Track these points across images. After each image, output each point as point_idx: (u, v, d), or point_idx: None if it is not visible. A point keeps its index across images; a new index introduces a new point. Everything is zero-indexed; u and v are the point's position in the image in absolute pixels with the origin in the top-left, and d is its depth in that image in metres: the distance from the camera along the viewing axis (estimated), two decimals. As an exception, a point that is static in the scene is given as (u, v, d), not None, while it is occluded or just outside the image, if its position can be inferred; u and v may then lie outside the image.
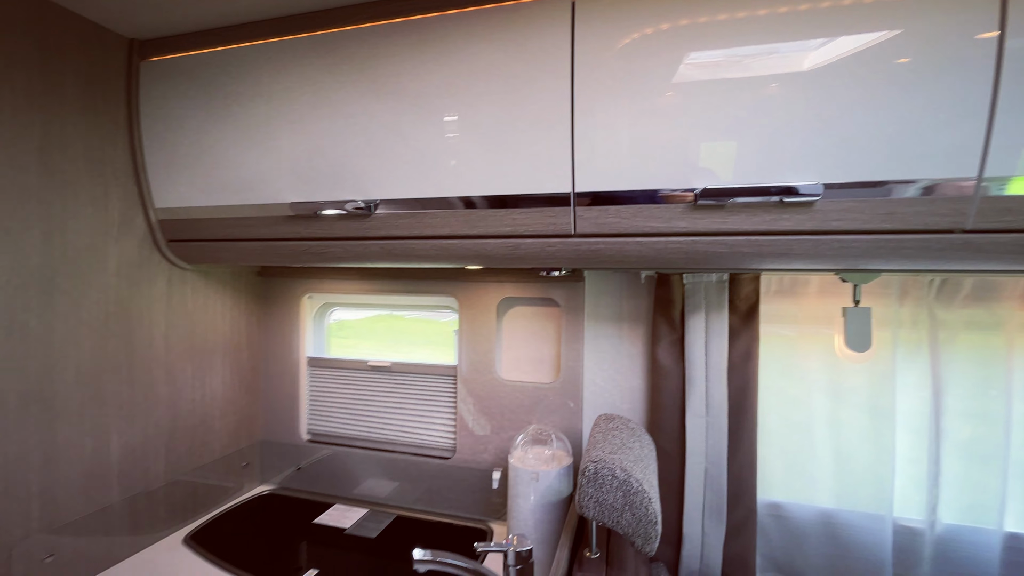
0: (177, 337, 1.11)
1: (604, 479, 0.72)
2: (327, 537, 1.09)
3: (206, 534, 1.10)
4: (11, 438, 0.81)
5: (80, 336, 0.91)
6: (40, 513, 0.86)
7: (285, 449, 1.33)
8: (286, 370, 1.34)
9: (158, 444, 1.07)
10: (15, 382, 0.82)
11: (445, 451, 1.23)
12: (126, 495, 1.00)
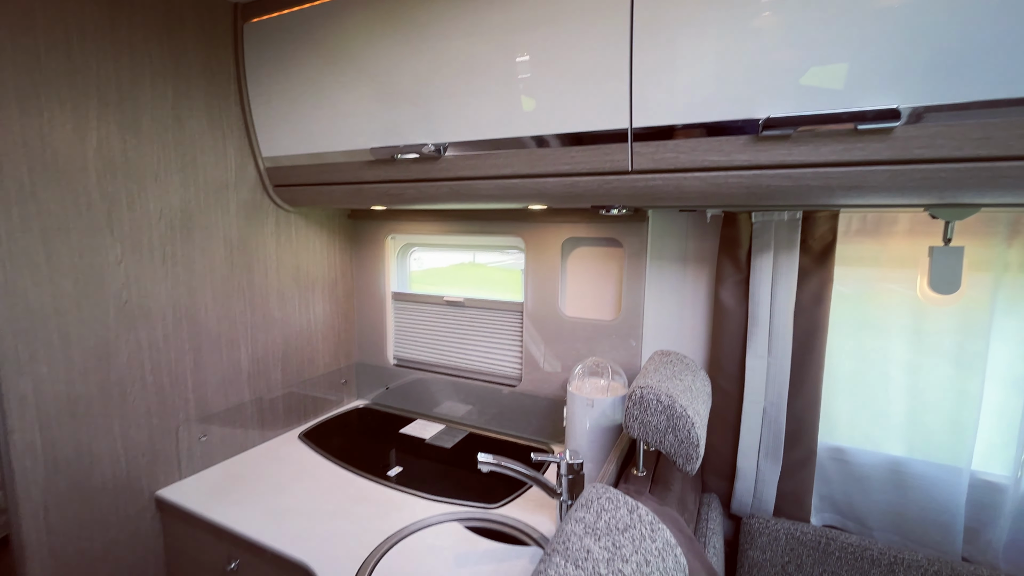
0: (285, 270, 1.29)
1: (649, 403, 0.77)
2: (410, 444, 1.27)
3: (315, 433, 1.32)
4: (171, 344, 1.04)
5: (213, 265, 1.11)
6: (195, 404, 1.10)
7: (376, 371, 1.53)
8: (374, 302, 1.51)
9: (275, 358, 1.28)
10: (170, 299, 1.03)
11: (512, 379, 1.34)
12: (254, 397, 1.23)
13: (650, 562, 0.45)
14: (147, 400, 1.00)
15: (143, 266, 0.98)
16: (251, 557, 0.91)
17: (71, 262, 0.88)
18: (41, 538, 0.86)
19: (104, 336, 0.93)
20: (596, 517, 0.48)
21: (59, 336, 0.86)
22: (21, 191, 0.81)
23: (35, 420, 0.84)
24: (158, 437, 1.03)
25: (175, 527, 1.03)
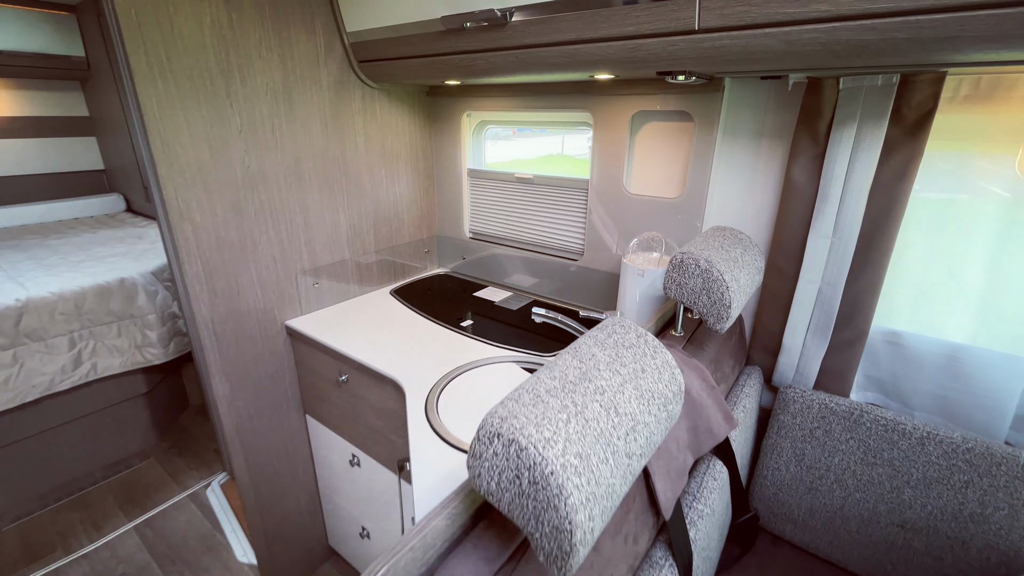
0: (372, 144, 1.43)
1: (688, 266, 0.83)
2: (481, 305, 1.45)
3: (403, 291, 1.55)
4: (285, 205, 1.25)
5: (311, 136, 1.26)
6: (307, 257, 1.33)
7: (454, 243, 1.69)
8: (452, 179, 1.62)
9: (368, 224, 1.48)
10: (281, 166, 1.21)
11: (574, 254, 1.43)
12: (352, 256, 1.45)
13: (646, 371, 0.56)
14: (272, 250, 1.24)
15: (258, 136, 1.15)
16: (356, 372, 1.17)
17: (204, 131, 1.06)
18: (213, 344, 1.17)
19: (236, 195, 1.14)
20: (607, 335, 0.59)
21: (204, 191, 1.09)
22: (163, 68, 0.98)
23: (197, 255, 1.10)
24: (283, 280, 1.29)
25: (300, 348, 1.33)
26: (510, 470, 0.42)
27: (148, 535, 1.63)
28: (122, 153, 2.87)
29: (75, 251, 2.09)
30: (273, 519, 1.42)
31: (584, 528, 0.40)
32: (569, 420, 0.44)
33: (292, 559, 1.51)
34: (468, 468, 0.45)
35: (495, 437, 0.43)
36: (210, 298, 1.14)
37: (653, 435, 0.52)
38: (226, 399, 1.23)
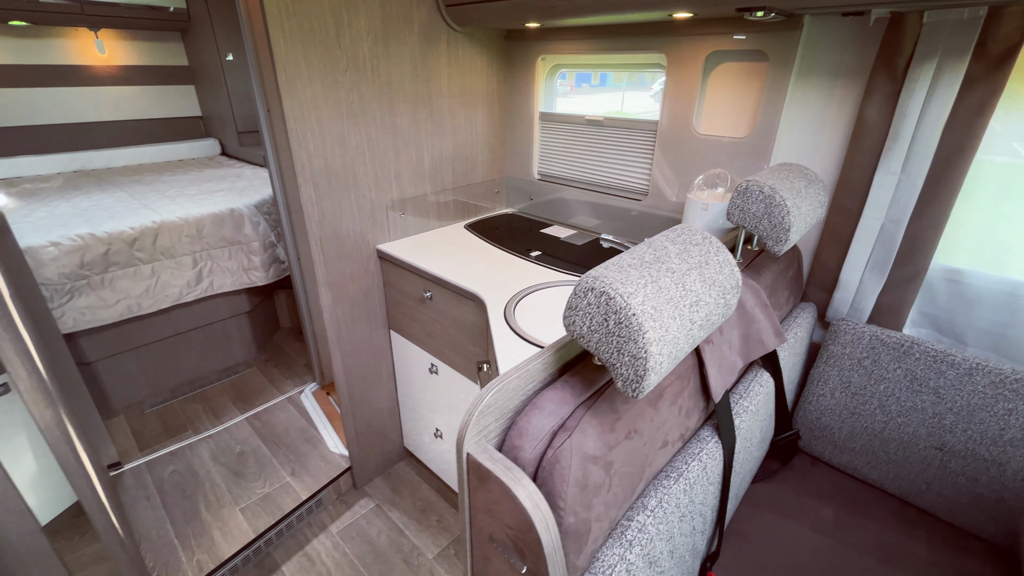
0: (455, 87, 1.54)
1: (752, 192, 0.91)
2: (548, 240, 1.57)
3: (476, 226, 1.69)
4: (380, 140, 1.40)
5: (403, 76, 1.39)
6: (396, 189, 1.49)
7: (522, 183, 1.81)
8: (523, 121, 1.72)
9: (447, 162, 1.61)
10: (377, 104, 1.36)
11: (638, 194, 1.51)
12: (432, 191, 1.60)
13: (709, 264, 0.66)
14: (368, 180, 1.41)
15: (360, 75, 1.30)
16: (440, 289, 1.34)
17: (318, 69, 1.22)
18: (320, 259, 1.37)
19: (341, 128, 1.30)
20: (677, 235, 0.69)
21: (317, 123, 1.25)
22: (287, 10, 1.12)
23: (310, 179, 1.28)
24: (376, 208, 1.46)
25: (388, 269, 1.51)
26: (600, 315, 0.55)
27: (257, 425, 1.94)
28: (217, 101, 3.14)
29: (188, 186, 2.38)
30: (361, 418, 1.66)
31: (655, 359, 0.53)
32: (647, 284, 0.56)
33: (374, 454, 1.76)
34: (564, 319, 0.59)
35: (589, 291, 0.55)
36: (319, 218, 1.33)
37: (712, 314, 0.64)
38: (329, 308, 1.44)
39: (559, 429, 0.59)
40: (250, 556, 1.47)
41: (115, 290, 1.79)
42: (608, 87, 1.88)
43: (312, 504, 1.63)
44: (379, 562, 1.50)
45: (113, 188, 2.37)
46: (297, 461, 1.77)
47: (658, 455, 0.73)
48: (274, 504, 1.60)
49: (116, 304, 1.80)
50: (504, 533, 0.56)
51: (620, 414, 0.64)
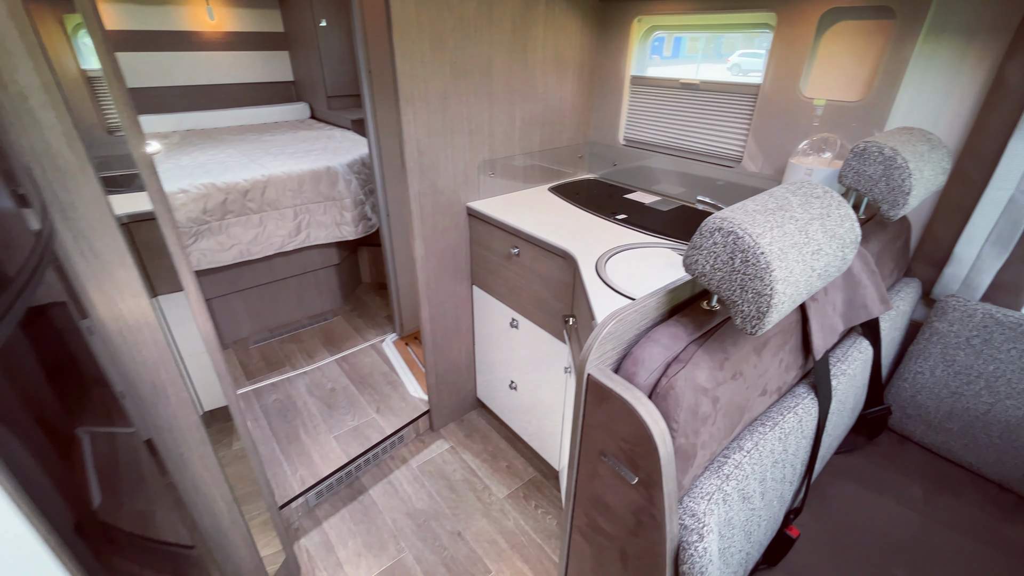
0: (548, 49, 1.56)
1: (871, 154, 0.88)
2: (633, 205, 1.58)
3: (560, 189, 1.73)
4: (477, 99, 1.45)
5: (503, 38, 1.43)
6: (488, 149, 1.55)
7: (606, 149, 1.81)
8: (613, 85, 1.71)
9: (535, 124, 1.65)
10: (477, 64, 1.41)
11: (731, 160, 1.48)
12: (521, 152, 1.65)
13: (831, 216, 0.67)
14: (463, 140, 1.47)
15: (465, 35, 1.35)
16: (527, 246, 1.40)
17: (428, 29, 1.28)
18: (418, 211, 1.46)
19: (444, 87, 1.37)
20: (798, 187, 0.70)
21: (424, 81, 1.32)
22: (405, -30, 1.19)
23: (414, 135, 1.36)
24: (468, 167, 1.53)
25: (476, 226, 1.59)
26: (726, 254, 0.58)
27: (345, 367, 2.12)
28: (308, 66, 3.32)
29: (287, 145, 2.57)
30: (441, 367, 1.78)
31: (779, 297, 0.56)
32: (772, 228, 0.59)
33: (451, 401, 1.89)
34: (685, 259, 0.62)
35: (716, 231, 0.59)
36: (420, 173, 1.42)
37: (830, 265, 0.65)
38: (422, 259, 1.54)
39: (673, 361, 0.64)
40: (343, 477, 1.65)
41: (230, 236, 2.00)
42: (681, 59, 1.81)
43: (395, 439, 1.79)
44: (453, 495, 1.63)
45: (223, 145, 2.59)
46: (381, 401, 1.93)
47: (757, 401, 0.76)
48: (362, 435, 1.76)
49: (231, 248, 2.01)
50: (619, 447, 0.62)
51: (729, 355, 0.67)
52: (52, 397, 0.58)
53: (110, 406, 0.72)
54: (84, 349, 0.68)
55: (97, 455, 0.65)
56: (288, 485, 1.57)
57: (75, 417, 0.63)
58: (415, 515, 1.57)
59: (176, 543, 0.83)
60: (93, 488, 0.61)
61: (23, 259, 0.51)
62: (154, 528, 0.76)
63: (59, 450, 0.55)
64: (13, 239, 0.51)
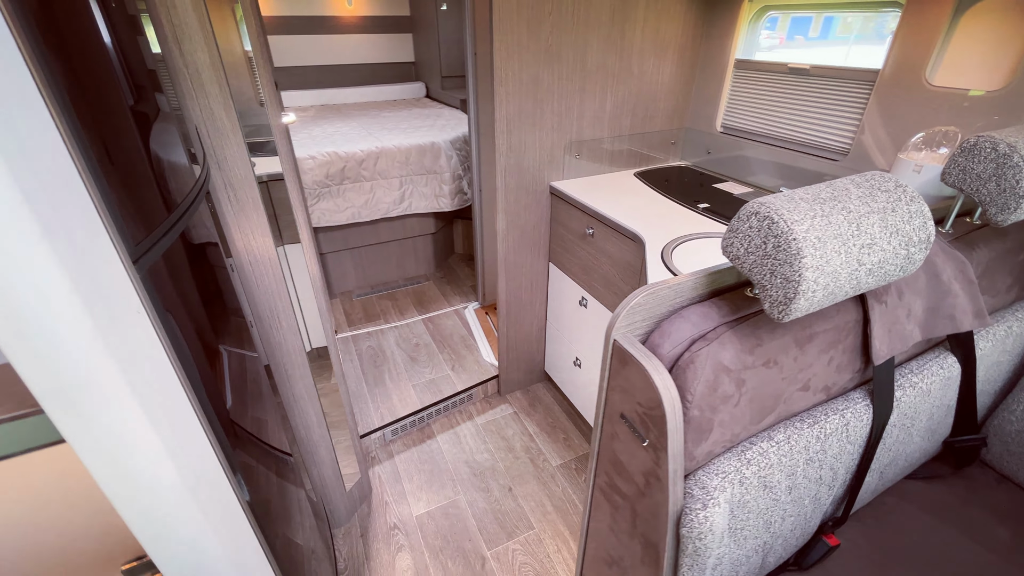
0: (648, 32, 1.55)
1: (982, 149, 0.79)
2: (720, 195, 1.53)
3: (646, 175, 1.72)
4: (568, 82, 1.50)
5: (600, 21, 1.45)
6: (575, 131, 1.59)
7: (702, 136, 1.75)
8: (715, 70, 1.64)
9: (628, 108, 1.65)
10: (571, 47, 1.45)
11: (836, 153, 1.36)
12: (609, 135, 1.67)
13: (896, 211, 0.64)
14: (551, 120, 1.54)
15: (561, 18, 1.40)
16: (602, 227, 1.44)
17: (526, 13, 1.35)
18: (503, 187, 1.56)
19: (537, 69, 1.43)
20: (864, 179, 0.67)
21: (518, 63, 1.40)
22: (509, -42, 1.26)
23: (504, 115, 1.45)
24: (555, 147, 1.59)
25: (557, 205, 1.65)
26: (759, 238, 0.59)
27: (430, 327, 2.33)
28: (427, 48, 3.56)
29: (400, 122, 2.82)
30: (513, 336, 1.89)
31: (807, 284, 0.56)
32: (815, 217, 0.58)
33: (519, 370, 2.00)
34: (723, 241, 0.64)
35: (753, 215, 0.60)
36: (507, 150, 1.51)
37: (887, 263, 0.62)
38: (503, 233, 1.65)
39: (699, 338, 0.66)
40: (415, 421, 1.85)
41: (345, 199, 2.28)
42: (830, 40, 1.66)
43: (464, 396, 1.95)
44: (510, 455, 1.75)
45: (348, 119, 2.92)
46: (457, 361, 2.10)
47: (797, 396, 0.75)
48: (436, 388, 1.95)
49: (345, 210, 2.29)
50: (635, 410, 0.67)
51: (762, 341, 0.68)
52: (206, 316, 0.77)
53: (242, 332, 0.92)
54: (227, 282, 0.88)
55: (232, 369, 0.85)
56: (370, 419, 1.80)
57: (220, 336, 0.82)
58: (474, 466, 1.71)
59: (280, 449, 1.04)
60: (227, 394, 0.80)
61: (187, 191, 0.69)
62: (265, 434, 0.96)
63: (209, 359, 0.74)
64: (183, 179, 0.70)
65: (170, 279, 0.60)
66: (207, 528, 0.50)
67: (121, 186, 0.48)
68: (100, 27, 0.53)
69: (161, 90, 0.71)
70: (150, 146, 0.61)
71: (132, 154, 0.54)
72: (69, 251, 0.35)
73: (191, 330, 0.65)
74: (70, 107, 0.39)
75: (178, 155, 0.70)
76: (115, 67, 0.55)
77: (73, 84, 0.42)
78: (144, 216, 0.53)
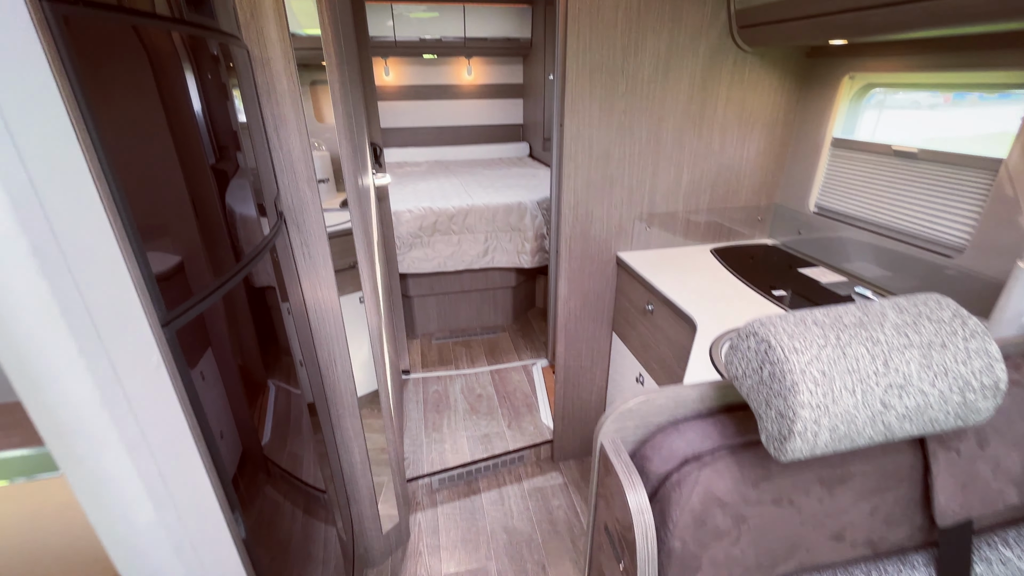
0: (732, 107, 1.50)
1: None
2: (803, 282, 1.38)
3: (723, 252, 1.62)
4: (641, 156, 1.50)
5: (677, 99, 1.45)
6: (647, 203, 1.57)
7: (793, 215, 1.62)
8: (810, 147, 1.53)
9: (707, 183, 1.60)
10: (646, 123, 1.46)
11: (950, 249, 1.17)
12: (684, 209, 1.62)
13: (947, 347, 0.53)
14: (621, 192, 1.54)
15: (635, 97, 1.42)
16: (661, 305, 1.38)
17: (599, 92, 1.40)
18: (566, 257, 1.59)
19: (607, 145, 1.46)
20: (910, 304, 0.57)
21: (588, 140, 1.44)
22: (585, 45, 1.33)
23: (572, 187, 1.49)
24: (623, 218, 1.58)
25: (622, 276, 1.62)
26: (756, 361, 0.54)
27: (496, 379, 2.37)
28: (534, 112, 3.79)
29: (496, 180, 3.01)
30: (570, 403, 1.85)
31: (804, 424, 0.49)
32: (825, 346, 0.52)
33: (575, 438, 1.93)
34: (724, 356, 0.59)
35: (751, 335, 0.55)
36: (573, 220, 1.54)
37: (932, 409, 0.52)
38: (564, 298, 1.65)
39: (692, 459, 0.61)
40: (464, 474, 1.86)
41: (434, 249, 2.46)
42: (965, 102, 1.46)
43: (516, 456, 1.92)
44: (551, 529, 1.67)
45: (452, 176, 3.19)
46: (515, 418, 2.10)
47: (824, 545, 0.64)
48: (490, 443, 1.95)
49: (432, 260, 2.47)
50: (614, 526, 0.62)
51: (771, 475, 0.60)
52: (258, 351, 0.89)
53: (289, 371, 1.04)
54: (281, 324, 1.01)
55: (276, 404, 0.96)
56: (421, 464, 1.85)
57: (270, 371, 0.94)
58: (512, 533, 1.67)
59: (313, 485, 1.13)
60: (267, 428, 0.91)
61: (255, 245, 0.82)
62: (299, 470, 1.05)
63: (251, 394, 0.85)
64: (253, 233, 0.83)
65: (225, 314, 0.72)
66: (191, 569, 0.56)
67: (171, 249, 0.60)
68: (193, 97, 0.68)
69: (241, 172, 0.87)
70: (225, 202, 0.75)
71: (183, 220, 0.67)
72: (97, 314, 0.44)
73: (233, 367, 0.76)
74: (119, 183, 0.51)
75: (248, 209, 0.84)
76: (198, 132, 0.69)
77: (122, 156, 0.55)
78: (196, 272, 0.65)
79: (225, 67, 0.77)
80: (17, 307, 0.38)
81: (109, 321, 0.46)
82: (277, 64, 0.92)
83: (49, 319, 0.39)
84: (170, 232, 0.60)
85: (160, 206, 0.59)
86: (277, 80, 0.94)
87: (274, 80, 0.93)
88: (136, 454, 0.47)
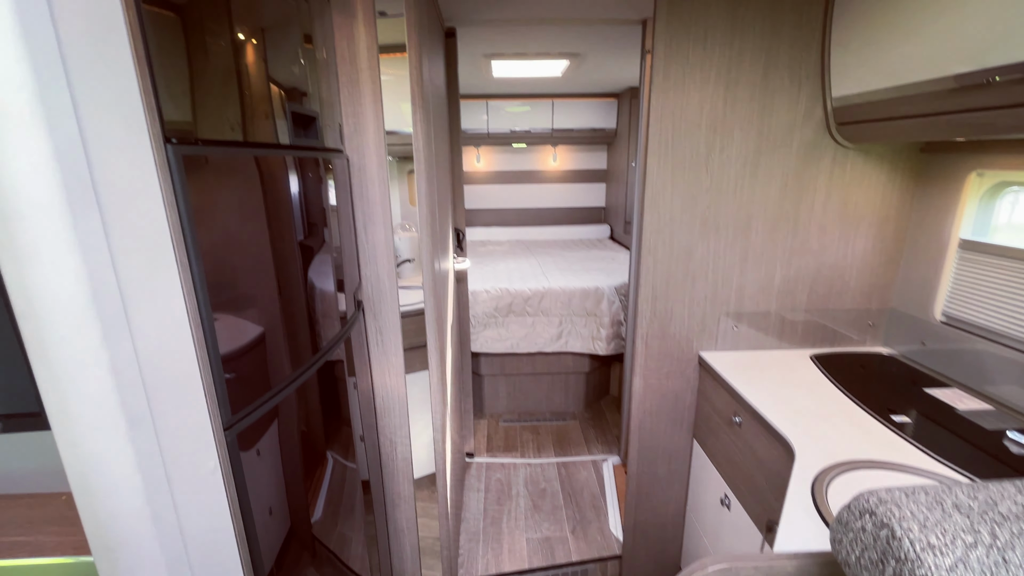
0: (832, 204, 1.39)
1: None
2: (932, 406, 1.16)
3: (827, 359, 1.43)
4: (728, 253, 1.41)
5: (768, 196, 1.37)
6: (734, 301, 1.46)
7: (914, 323, 1.41)
8: (931, 249, 1.35)
9: (804, 283, 1.45)
10: (733, 220, 1.39)
11: None
12: (778, 309, 1.47)
13: None
14: (706, 290, 1.44)
15: (720, 194, 1.37)
16: (750, 419, 1.22)
17: (681, 189, 1.37)
18: (642, 353, 1.49)
19: (690, 241, 1.40)
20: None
21: (669, 235, 1.40)
22: (667, 141, 1.33)
23: (651, 282, 1.43)
24: (707, 316, 1.47)
25: (705, 378, 1.48)
26: (876, 552, 0.42)
27: (562, 472, 2.22)
28: (616, 195, 3.84)
29: (575, 262, 3.01)
30: (643, 515, 1.65)
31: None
32: (976, 546, 0.40)
33: (647, 558, 1.70)
34: (831, 531, 0.48)
35: (867, 513, 0.44)
36: (650, 316, 1.46)
37: None
38: (638, 396, 1.54)
39: (790, 661, 0.48)
40: (519, 582, 1.70)
41: (507, 330, 2.47)
42: None
43: (578, 569, 1.73)
44: (615, 671, 1.43)
45: (531, 256, 3.26)
46: (580, 522, 1.91)
47: None
48: (550, 549, 1.78)
49: (505, 340, 2.47)
50: None
51: None
52: (321, 422, 0.90)
53: (348, 444, 1.04)
54: (345, 397, 1.02)
55: (332, 477, 0.95)
56: (475, 563, 1.73)
57: (329, 441, 0.95)
58: (569, 666, 1.46)
59: (358, 573, 1.08)
60: (320, 502, 0.90)
61: (333, 335, 0.85)
62: (347, 553, 1.02)
63: (313, 461, 0.85)
64: (332, 321, 0.87)
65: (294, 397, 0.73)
66: None
67: (243, 358, 0.63)
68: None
69: (329, 267, 0.93)
70: (313, 301, 0.79)
71: (269, 316, 0.70)
72: (161, 423, 0.46)
73: (293, 441, 0.76)
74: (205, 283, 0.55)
75: (330, 305, 0.89)
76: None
77: (215, 276, 0.59)
78: (275, 366, 0.67)
79: (325, 174, 0.86)
80: (84, 422, 0.40)
81: (171, 429, 0.47)
82: (371, 171, 1.01)
83: (116, 434, 0.41)
84: (250, 328, 0.64)
85: (245, 300, 0.63)
86: (370, 183, 1.03)
87: (366, 184, 1.02)
88: (175, 570, 0.46)
